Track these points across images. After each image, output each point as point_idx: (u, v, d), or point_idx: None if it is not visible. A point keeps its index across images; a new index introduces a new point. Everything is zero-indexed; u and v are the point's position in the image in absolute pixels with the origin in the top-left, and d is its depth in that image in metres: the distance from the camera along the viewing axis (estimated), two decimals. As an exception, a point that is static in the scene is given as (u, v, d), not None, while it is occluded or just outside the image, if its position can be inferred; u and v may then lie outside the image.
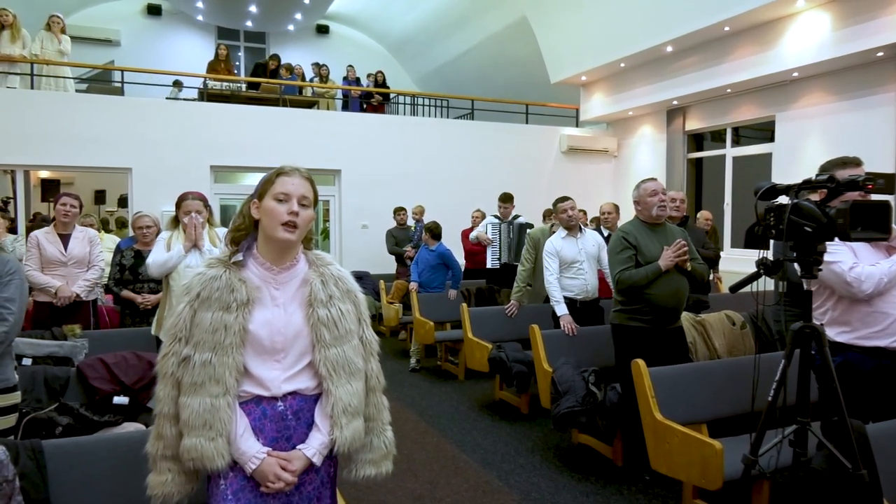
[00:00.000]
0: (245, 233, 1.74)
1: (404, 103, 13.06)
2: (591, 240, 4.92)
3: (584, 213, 7.41)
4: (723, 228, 9.04)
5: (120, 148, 8.53)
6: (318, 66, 12.07)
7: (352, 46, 15.21)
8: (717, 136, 9.56)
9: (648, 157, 10.46)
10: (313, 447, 1.70)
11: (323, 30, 15.36)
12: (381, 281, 8.28)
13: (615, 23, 8.96)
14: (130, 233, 5.47)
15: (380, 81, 12.14)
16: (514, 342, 5.12)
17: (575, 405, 3.86)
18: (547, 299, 5.58)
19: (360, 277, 9.10)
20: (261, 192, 1.71)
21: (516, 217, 6.87)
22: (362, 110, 11.59)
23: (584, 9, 9.35)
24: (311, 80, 11.99)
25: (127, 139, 8.57)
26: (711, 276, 6.40)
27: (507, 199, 6.85)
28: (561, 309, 4.70)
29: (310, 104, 11.14)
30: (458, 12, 12.49)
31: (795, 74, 7.58)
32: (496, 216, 6.92)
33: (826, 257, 2.58)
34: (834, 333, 2.82)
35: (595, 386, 3.91)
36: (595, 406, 3.86)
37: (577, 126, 11.59)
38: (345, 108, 11.79)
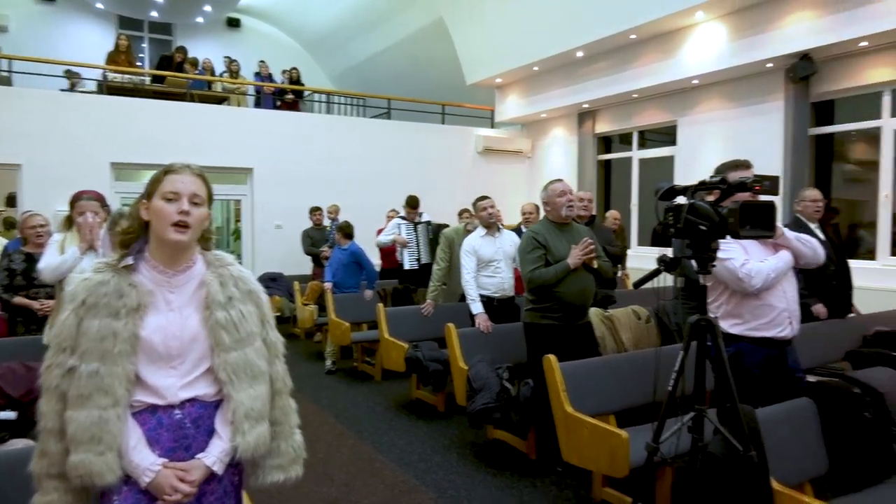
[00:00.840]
0: (135, 235, 1.66)
1: (320, 101, 12.83)
2: (509, 239, 5.00)
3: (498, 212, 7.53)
4: (630, 227, 9.44)
5: (7, 142, 7.91)
6: (229, 61, 11.67)
7: (265, 41, 14.80)
8: (625, 139, 9.97)
9: (561, 159, 10.77)
10: (213, 455, 1.63)
11: (234, 23, 14.86)
12: (296, 282, 8.10)
13: (529, 27, 9.16)
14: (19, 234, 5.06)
15: (294, 78, 11.88)
16: (431, 341, 5.13)
17: (489, 401, 3.92)
18: (463, 298, 5.64)
19: (274, 279, 8.89)
20: (149, 191, 1.64)
21: (420, 214, 6.89)
22: (276, 107, 11.30)
23: (499, 12, 9.51)
24: (222, 75, 11.57)
25: (16, 133, 7.96)
26: (619, 273, 6.68)
27: (415, 204, 6.86)
28: (476, 307, 4.75)
29: (220, 100, 10.74)
30: (376, 11, 12.40)
31: (695, 82, 8.02)
32: (403, 217, 6.89)
33: (720, 254, 2.74)
34: (727, 325, 3.00)
35: (509, 382, 3.99)
36: (509, 402, 3.93)
37: (492, 127, 11.77)
38: (257, 104, 11.46)
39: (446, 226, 6.71)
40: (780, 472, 2.48)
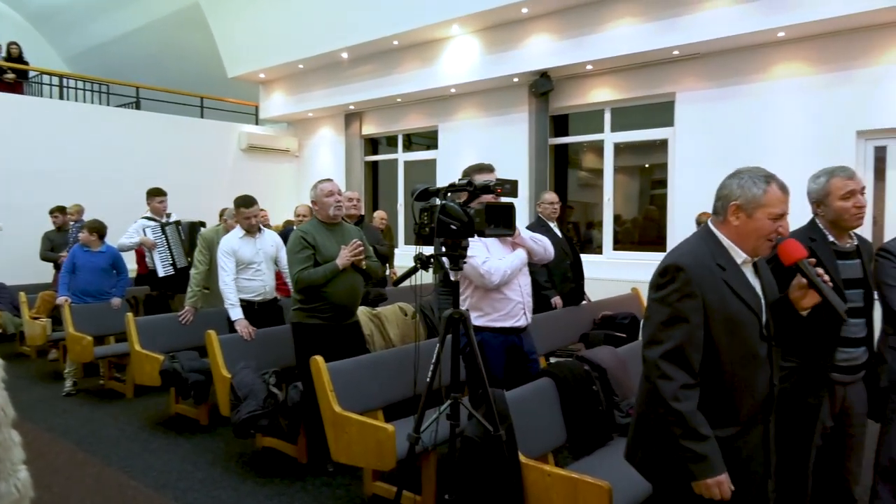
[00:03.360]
0: None
1: (51, 84, 11.17)
2: (270, 240, 4.87)
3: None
4: (397, 227, 9.76)
5: None
6: (-77, 28, 9.63)
7: (-25, 9, 12.50)
8: (392, 141, 10.29)
9: (329, 159, 10.75)
10: None
11: (-70, -17, 12.31)
12: (22, 293, 6.96)
13: (293, 24, 8.99)
14: None
15: (14, 56, 10.21)
16: (190, 350, 4.78)
17: (256, 409, 3.77)
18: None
19: (-7, 290, 7.57)
20: None
21: (168, 215, 6.40)
22: (-8, 88, 9.60)
23: (260, 5, 9.18)
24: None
25: None
26: (388, 272, 6.89)
27: (159, 192, 6.26)
28: (235, 313, 4.55)
29: (-89, 75, 8.82)
30: (119, -12, 11.20)
31: (453, 90, 8.56)
32: (149, 217, 6.27)
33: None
34: (473, 318, 3.23)
35: (276, 387, 3.88)
36: (277, 407, 3.82)
37: (256, 124, 11.33)
38: (-35, 83, 9.62)
39: (202, 223, 6.28)
40: (526, 446, 2.75)
